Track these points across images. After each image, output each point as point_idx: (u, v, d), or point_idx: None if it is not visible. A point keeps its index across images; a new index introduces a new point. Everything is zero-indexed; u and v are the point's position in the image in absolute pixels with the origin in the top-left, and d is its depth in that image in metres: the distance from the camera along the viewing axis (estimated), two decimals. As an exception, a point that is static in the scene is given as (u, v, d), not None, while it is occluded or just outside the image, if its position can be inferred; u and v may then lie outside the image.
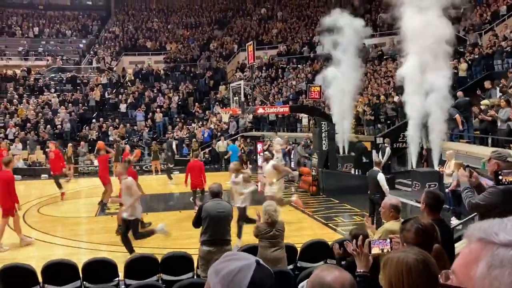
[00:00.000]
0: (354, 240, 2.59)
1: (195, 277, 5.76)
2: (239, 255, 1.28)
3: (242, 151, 20.20)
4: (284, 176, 10.76)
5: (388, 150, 13.92)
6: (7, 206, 8.35)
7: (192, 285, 4.82)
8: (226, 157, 18.78)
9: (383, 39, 24.44)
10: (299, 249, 6.22)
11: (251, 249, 5.62)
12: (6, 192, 8.32)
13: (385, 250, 2.54)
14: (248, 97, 19.04)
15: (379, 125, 16.63)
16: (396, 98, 16.12)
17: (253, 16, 34.76)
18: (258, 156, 20.28)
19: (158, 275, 5.78)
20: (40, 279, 5.40)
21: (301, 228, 9.77)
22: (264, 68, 28.40)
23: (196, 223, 5.73)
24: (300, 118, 20.97)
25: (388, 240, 2.63)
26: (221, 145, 20.53)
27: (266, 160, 10.65)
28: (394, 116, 15.98)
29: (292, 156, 18.12)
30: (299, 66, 26.69)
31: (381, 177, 8.72)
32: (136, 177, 9.67)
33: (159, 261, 5.74)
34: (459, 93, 13.37)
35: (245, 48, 26.43)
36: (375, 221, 7.85)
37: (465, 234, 0.92)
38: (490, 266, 0.82)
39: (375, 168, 9.06)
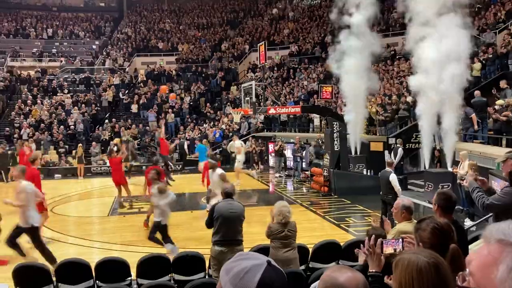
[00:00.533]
0: (366, 240, 2.58)
1: (206, 277, 5.78)
2: (251, 255, 1.28)
3: (254, 152, 20.21)
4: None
5: (400, 151, 13.82)
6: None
7: (204, 285, 4.83)
8: (194, 156, 18.54)
9: (396, 38, 24.28)
10: (311, 250, 6.20)
11: (263, 250, 5.63)
12: None
13: (397, 250, 2.52)
14: (260, 98, 19.03)
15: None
16: (409, 98, 16.00)
17: (264, 17, 34.77)
18: (270, 157, 20.28)
19: (170, 275, 5.81)
20: (54, 278, 5.46)
21: (312, 229, 9.74)
22: (275, 68, 28.39)
23: (209, 223, 5.75)
24: (312, 118, 20.92)
25: (400, 240, 2.61)
26: (233, 145, 20.57)
27: (212, 168, 9.32)
28: (406, 116, 15.85)
29: (303, 156, 18.07)
30: (310, 66, 26.63)
31: (394, 178, 8.66)
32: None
33: (171, 261, 5.77)
34: (476, 92, 13.17)
35: (257, 49, 26.46)
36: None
37: (483, 235, 0.91)
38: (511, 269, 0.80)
39: (387, 168, 9.00)
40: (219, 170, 8.87)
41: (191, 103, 26.73)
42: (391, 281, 2.72)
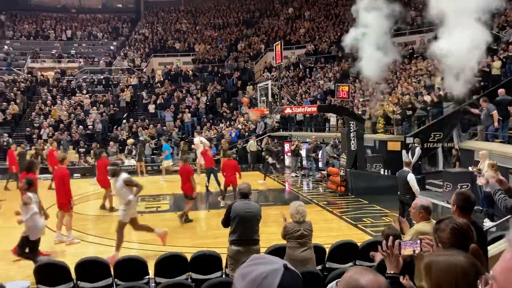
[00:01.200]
0: (384, 241, 2.56)
1: (223, 276, 5.81)
2: (266, 258, 1.26)
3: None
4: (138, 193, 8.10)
5: (418, 150, 13.67)
6: (63, 200, 8.83)
7: (221, 284, 4.86)
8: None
9: (413, 37, 24.02)
10: (327, 250, 6.19)
11: (279, 250, 5.63)
12: (62, 188, 8.81)
13: (416, 251, 2.50)
14: (276, 97, 19.02)
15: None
16: (426, 97, 15.82)
17: (280, 16, 34.71)
18: (286, 156, 20.26)
19: (187, 273, 5.85)
20: (74, 276, 5.55)
21: (329, 229, 9.70)
22: (291, 67, 28.34)
23: (225, 222, 5.78)
24: (328, 118, 20.82)
25: (418, 241, 2.59)
26: (252, 144, 20.67)
27: (114, 174, 7.94)
28: (424, 115, 15.67)
29: (320, 156, 18.01)
30: (327, 65, 26.51)
31: (412, 178, 8.57)
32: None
33: (189, 259, 5.81)
34: (501, 91, 12.90)
35: (273, 48, 26.44)
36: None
37: (507, 237, 0.89)
38: None
39: (405, 168, 8.91)
40: (123, 175, 7.90)
41: (208, 103, 26.84)
42: (406, 281, 2.70)
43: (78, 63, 31.01)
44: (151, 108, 26.35)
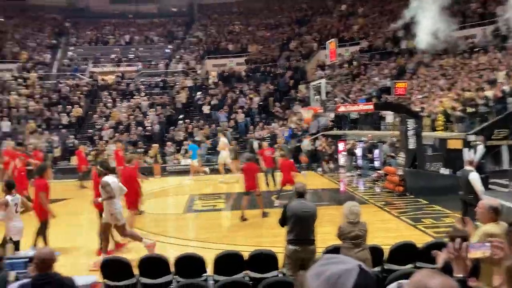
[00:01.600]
0: (450, 243, 2.46)
1: (280, 275, 5.82)
2: (340, 258, 1.25)
3: (324, 151, 20.03)
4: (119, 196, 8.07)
5: (481, 148, 13.03)
6: (131, 199, 9.11)
7: (278, 283, 4.88)
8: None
9: (474, 30, 22.91)
10: (386, 251, 6.05)
11: (336, 250, 5.56)
12: (130, 188, 8.98)
13: (486, 254, 2.39)
14: (329, 95, 18.81)
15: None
16: (489, 93, 15.06)
17: (333, 13, 34.29)
18: (340, 156, 19.98)
19: (244, 271, 5.91)
20: (136, 272, 5.76)
21: (387, 230, 9.47)
22: (345, 65, 27.90)
23: (282, 222, 5.80)
24: (384, 116, 20.31)
25: (488, 244, 2.47)
26: (306, 144, 20.59)
27: (101, 175, 8.00)
28: (486, 112, 14.92)
29: (376, 155, 17.61)
30: (382, 62, 25.87)
31: (474, 177, 8.19)
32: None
33: (246, 258, 5.87)
34: None
35: (325, 46, 26.22)
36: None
37: None
38: None
39: (467, 167, 8.53)
40: (105, 178, 7.85)
41: (260, 103, 26.98)
42: (475, 284, 2.59)
43: (136, 67, 32.18)
44: (206, 109, 26.86)
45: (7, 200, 7.27)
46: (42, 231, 8.19)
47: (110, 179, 7.79)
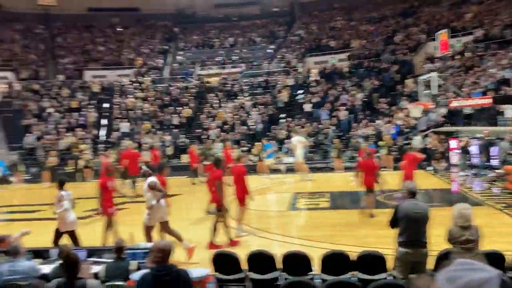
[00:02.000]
0: None
1: (389, 278, 5.60)
2: (478, 265, 1.16)
3: (435, 149, 18.88)
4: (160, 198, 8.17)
5: None
6: (241, 196, 9.46)
7: (388, 285, 4.71)
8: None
9: None
10: (507, 257, 5.52)
11: (447, 254, 5.21)
12: (240, 184, 9.43)
13: None
14: (440, 90, 17.66)
15: None
16: None
17: (442, 2, 32.17)
18: (452, 154, 18.68)
19: (351, 272, 5.79)
20: (244, 267, 5.93)
21: (509, 234, 8.65)
22: (457, 57, 26.01)
23: (392, 223, 5.57)
24: (503, 110, 18.57)
25: None
26: (419, 140, 19.61)
27: (145, 175, 8.62)
28: None
29: (493, 153, 16.20)
30: (500, 51, 23.68)
31: None
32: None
33: (354, 258, 5.74)
34: None
35: (434, 38, 24.71)
36: None
37: None
38: None
39: None
40: (150, 178, 8.27)
41: (364, 99, 26.23)
42: None
43: (240, 68, 33.20)
44: (307, 107, 26.82)
45: (62, 195, 8.24)
46: (109, 226, 8.87)
47: (155, 179, 8.26)
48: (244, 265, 5.92)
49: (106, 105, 29.51)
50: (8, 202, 15.90)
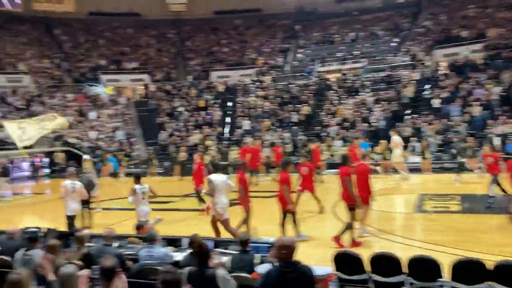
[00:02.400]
0: None
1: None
2: None
3: None
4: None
5: None
6: (363, 195, 9.16)
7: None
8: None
9: None
10: None
11: None
12: (363, 183, 9.17)
13: None
14: None
15: None
16: None
17: None
18: None
19: (487, 282, 5.27)
20: (367, 269, 5.74)
21: None
22: None
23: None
24: None
25: None
26: None
27: (209, 173, 9.33)
28: None
29: None
30: None
31: None
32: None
33: (491, 267, 5.23)
34: None
35: None
36: None
37: None
38: None
39: None
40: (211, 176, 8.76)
41: (502, 94, 23.73)
42: None
43: (361, 63, 32.30)
44: (436, 102, 25.11)
45: (135, 188, 9.24)
46: (245, 220, 9.08)
47: (215, 177, 8.62)
48: (367, 266, 5.73)
49: (229, 104, 30.97)
50: (119, 195, 16.98)
